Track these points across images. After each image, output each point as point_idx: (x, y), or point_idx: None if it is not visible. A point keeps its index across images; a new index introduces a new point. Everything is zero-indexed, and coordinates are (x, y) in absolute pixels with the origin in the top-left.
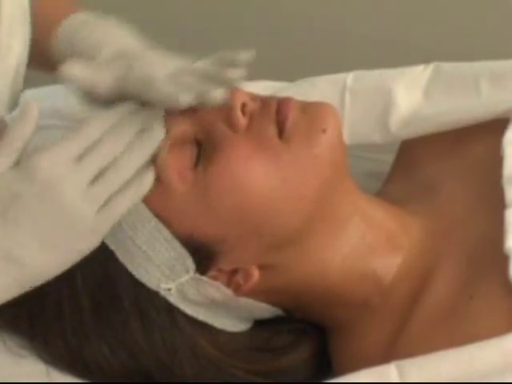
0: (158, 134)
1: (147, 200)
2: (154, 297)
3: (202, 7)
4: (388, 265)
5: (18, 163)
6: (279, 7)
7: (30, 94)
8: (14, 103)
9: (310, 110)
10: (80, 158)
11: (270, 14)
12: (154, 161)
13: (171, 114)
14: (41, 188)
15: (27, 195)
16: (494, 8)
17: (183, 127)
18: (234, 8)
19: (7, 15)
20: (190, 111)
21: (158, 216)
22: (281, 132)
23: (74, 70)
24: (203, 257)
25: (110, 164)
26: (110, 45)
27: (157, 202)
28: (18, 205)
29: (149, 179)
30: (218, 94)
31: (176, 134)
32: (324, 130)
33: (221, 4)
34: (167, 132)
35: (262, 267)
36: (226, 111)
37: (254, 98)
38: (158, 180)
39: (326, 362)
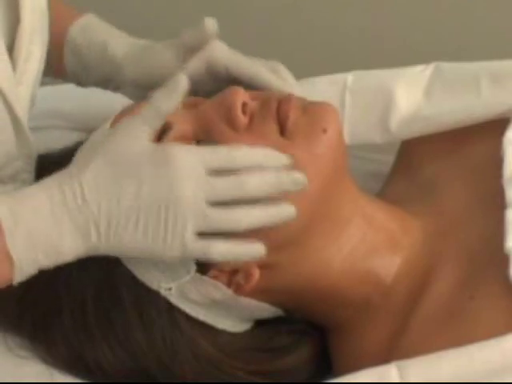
0: (298, 183)
1: None
2: (154, 297)
3: (201, 6)
4: (388, 265)
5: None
6: (279, 7)
7: None
8: (32, 106)
9: (311, 109)
10: (215, 173)
11: (270, 14)
12: None
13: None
14: (169, 172)
15: (152, 175)
16: (493, 8)
17: (184, 126)
18: (233, 8)
19: (28, 21)
20: (192, 107)
21: None
22: (282, 129)
23: None
24: None
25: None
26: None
27: None
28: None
29: (291, 210)
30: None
31: (177, 132)
32: (324, 130)
33: (221, 3)
34: (169, 129)
35: (262, 267)
36: (226, 110)
37: (255, 97)
38: None
39: (326, 362)
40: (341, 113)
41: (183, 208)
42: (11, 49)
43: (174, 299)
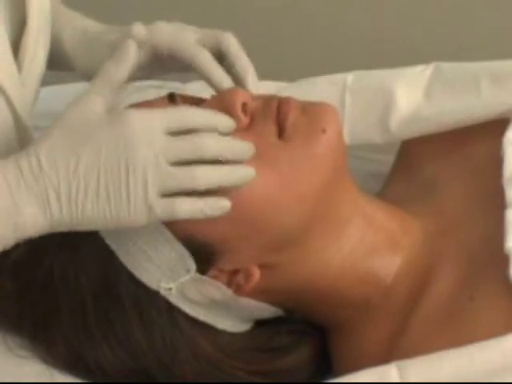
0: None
1: None
2: (154, 297)
3: (202, 6)
4: (388, 265)
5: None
6: (279, 7)
7: None
8: (34, 105)
9: (311, 110)
10: (172, 134)
11: (270, 14)
12: None
13: None
14: (125, 133)
15: (107, 139)
16: (493, 8)
17: None
18: (233, 8)
19: (34, 23)
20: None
21: None
22: (281, 132)
23: None
24: (204, 257)
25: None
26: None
27: None
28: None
29: (250, 171)
30: None
31: None
32: (324, 130)
33: (221, 3)
34: None
35: (262, 267)
36: (226, 110)
37: (255, 97)
38: None
39: (326, 362)
40: (341, 113)
41: (142, 168)
42: (16, 49)
43: (174, 299)
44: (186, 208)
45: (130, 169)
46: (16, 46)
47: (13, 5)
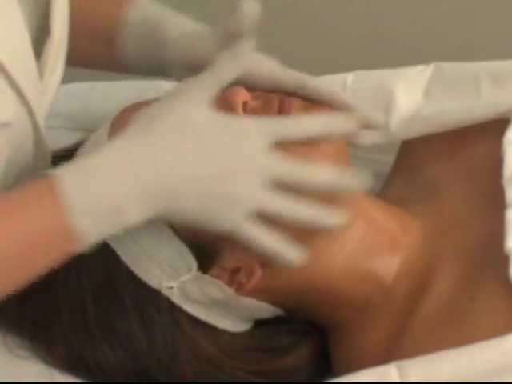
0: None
1: None
2: (155, 296)
3: (203, 7)
4: (388, 265)
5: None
6: (279, 7)
7: None
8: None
9: (312, 109)
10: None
11: (270, 14)
12: None
13: None
14: (233, 145)
15: (216, 147)
16: (493, 8)
17: None
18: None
19: (58, 35)
20: None
21: None
22: None
23: None
24: (205, 255)
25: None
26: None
27: None
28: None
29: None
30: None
31: None
32: None
33: (221, 4)
34: None
35: (264, 265)
36: (227, 109)
37: (257, 96)
38: None
39: (326, 362)
40: None
41: (241, 184)
42: (38, 58)
43: (176, 298)
44: (266, 242)
45: (230, 183)
46: (38, 55)
47: (38, 16)
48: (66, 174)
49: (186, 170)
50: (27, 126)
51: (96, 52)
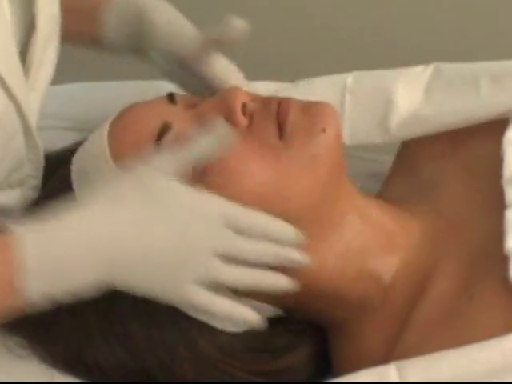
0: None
1: None
2: None
3: (201, 6)
4: (387, 265)
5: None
6: (280, 8)
7: None
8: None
9: (310, 110)
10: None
11: (270, 13)
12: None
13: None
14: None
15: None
16: (493, 8)
17: (183, 126)
18: (234, 8)
19: (43, 29)
20: (191, 108)
21: None
22: (281, 132)
23: None
24: None
25: None
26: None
27: None
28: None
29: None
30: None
31: (177, 132)
32: (323, 130)
33: (221, 3)
34: (169, 129)
35: None
36: (226, 111)
37: (255, 98)
38: None
39: (326, 362)
40: (341, 113)
41: (191, 256)
42: (24, 54)
43: None
44: (223, 309)
45: (180, 255)
46: (24, 51)
47: (22, 11)
48: (28, 232)
49: (143, 242)
50: (15, 122)
51: (77, 27)
